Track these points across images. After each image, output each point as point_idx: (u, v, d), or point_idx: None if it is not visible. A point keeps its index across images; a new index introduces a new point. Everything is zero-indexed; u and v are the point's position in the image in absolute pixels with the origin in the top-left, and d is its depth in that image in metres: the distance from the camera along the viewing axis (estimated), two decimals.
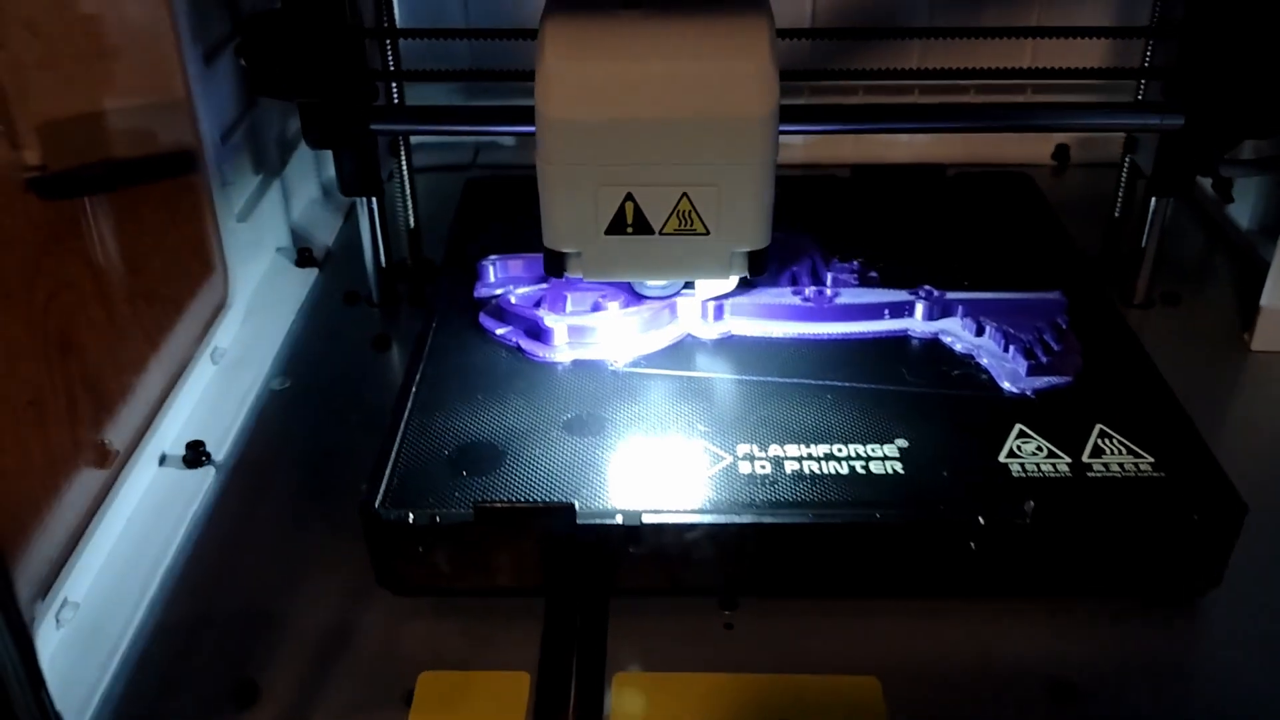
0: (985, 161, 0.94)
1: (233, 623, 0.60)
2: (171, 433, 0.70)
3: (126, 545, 0.63)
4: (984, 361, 0.68)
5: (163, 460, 0.69)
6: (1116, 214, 0.90)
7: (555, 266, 0.63)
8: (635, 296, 0.70)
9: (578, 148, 0.59)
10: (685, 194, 0.60)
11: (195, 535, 0.65)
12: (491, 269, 0.75)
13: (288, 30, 0.71)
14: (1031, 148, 1.02)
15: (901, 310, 0.71)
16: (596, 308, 0.70)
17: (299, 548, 0.64)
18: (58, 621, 0.57)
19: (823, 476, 0.60)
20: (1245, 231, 0.90)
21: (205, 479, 0.68)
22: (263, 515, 0.66)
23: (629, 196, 0.60)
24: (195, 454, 0.69)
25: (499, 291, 0.74)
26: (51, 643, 0.56)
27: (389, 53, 0.80)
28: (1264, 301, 0.78)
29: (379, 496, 0.58)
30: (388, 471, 0.60)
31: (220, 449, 0.70)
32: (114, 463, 0.64)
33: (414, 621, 0.59)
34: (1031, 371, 0.66)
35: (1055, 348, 0.68)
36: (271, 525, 0.66)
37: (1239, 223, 0.91)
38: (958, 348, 0.69)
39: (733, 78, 0.58)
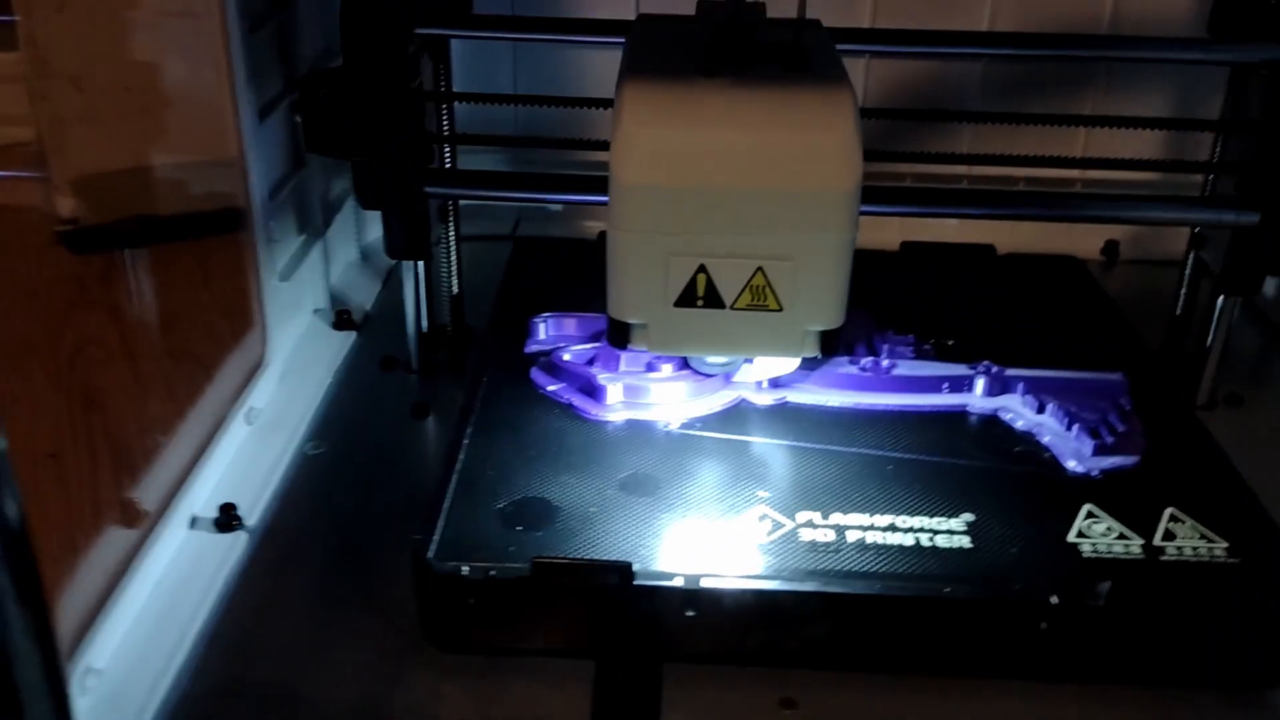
0: (1033, 252, 0.93)
1: (264, 695, 0.57)
2: (203, 494, 0.68)
3: (154, 610, 0.60)
4: (1046, 440, 0.67)
5: (193, 523, 0.66)
6: (1178, 312, 0.88)
7: (619, 337, 0.61)
8: None
9: (651, 215, 0.57)
10: (760, 268, 0.58)
11: (225, 602, 0.62)
12: (543, 326, 0.75)
13: (348, 88, 0.71)
14: (1080, 241, 1.00)
15: (960, 385, 0.70)
16: (651, 368, 0.69)
17: (333, 618, 0.61)
18: (82, 689, 0.55)
19: (888, 548, 0.58)
20: None
21: (237, 544, 0.66)
22: (295, 584, 0.64)
23: (701, 268, 0.58)
24: (227, 517, 0.67)
25: (549, 349, 0.73)
26: (74, 712, 0.54)
27: (444, 116, 0.80)
28: None
29: (432, 548, 0.57)
30: (440, 523, 0.59)
31: (252, 513, 0.68)
32: (142, 523, 0.62)
33: (451, 696, 0.57)
34: (1097, 451, 0.65)
35: (1120, 428, 0.67)
36: (304, 594, 0.63)
37: None
38: (1018, 425, 0.68)
39: (816, 150, 0.56)
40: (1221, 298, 0.78)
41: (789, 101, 0.58)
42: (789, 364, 0.69)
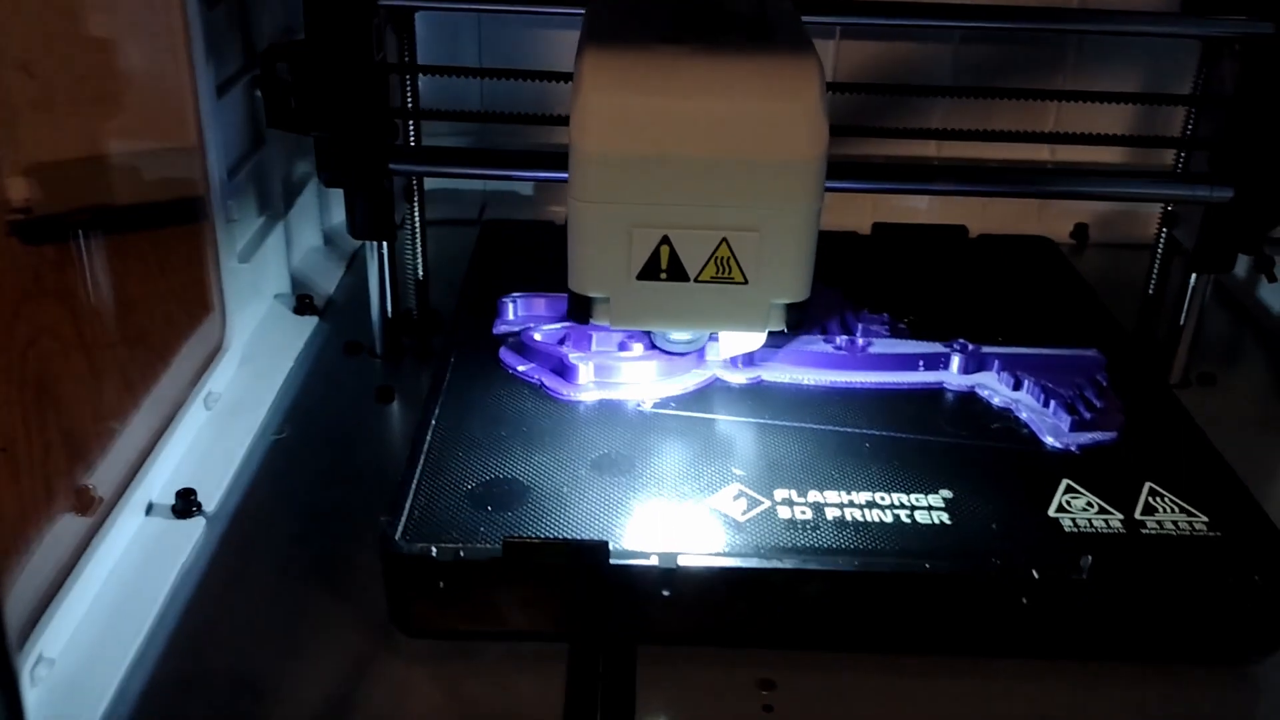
0: (1002, 234, 0.92)
1: (223, 686, 0.55)
2: (160, 480, 0.66)
3: (109, 599, 0.59)
4: (1023, 416, 0.66)
5: (150, 509, 0.65)
6: (1151, 291, 0.87)
7: (580, 312, 0.60)
8: None
9: (613, 185, 0.56)
10: (725, 239, 0.57)
11: (184, 590, 0.60)
12: (512, 306, 0.74)
13: (310, 62, 0.69)
14: (1049, 224, 1.00)
15: (936, 362, 0.69)
16: (623, 347, 0.68)
17: (297, 606, 0.60)
18: (32, 679, 0.53)
19: (867, 524, 0.57)
20: (1277, 314, 0.89)
21: (195, 530, 0.64)
22: (256, 570, 0.62)
23: (665, 239, 0.57)
24: (185, 503, 0.65)
25: (519, 329, 0.72)
26: (25, 703, 0.52)
27: (409, 90, 0.78)
28: None
29: (399, 529, 0.55)
30: (408, 503, 0.57)
31: (212, 499, 0.66)
32: (96, 510, 0.60)
33: (421, 683, 0.55)
34: (1075, 427, 0.65)
35: (1097, 404, 0.66)
36: (265, 581, 0.62)
37: (1269, 304, 0.90)
38: (995, 401, 0.68)
39: (781, 119, 0.55)
40: (1194, 275, 0.78)
41: (753, 70, 0.56)
42: (755, 340, 0.67)
